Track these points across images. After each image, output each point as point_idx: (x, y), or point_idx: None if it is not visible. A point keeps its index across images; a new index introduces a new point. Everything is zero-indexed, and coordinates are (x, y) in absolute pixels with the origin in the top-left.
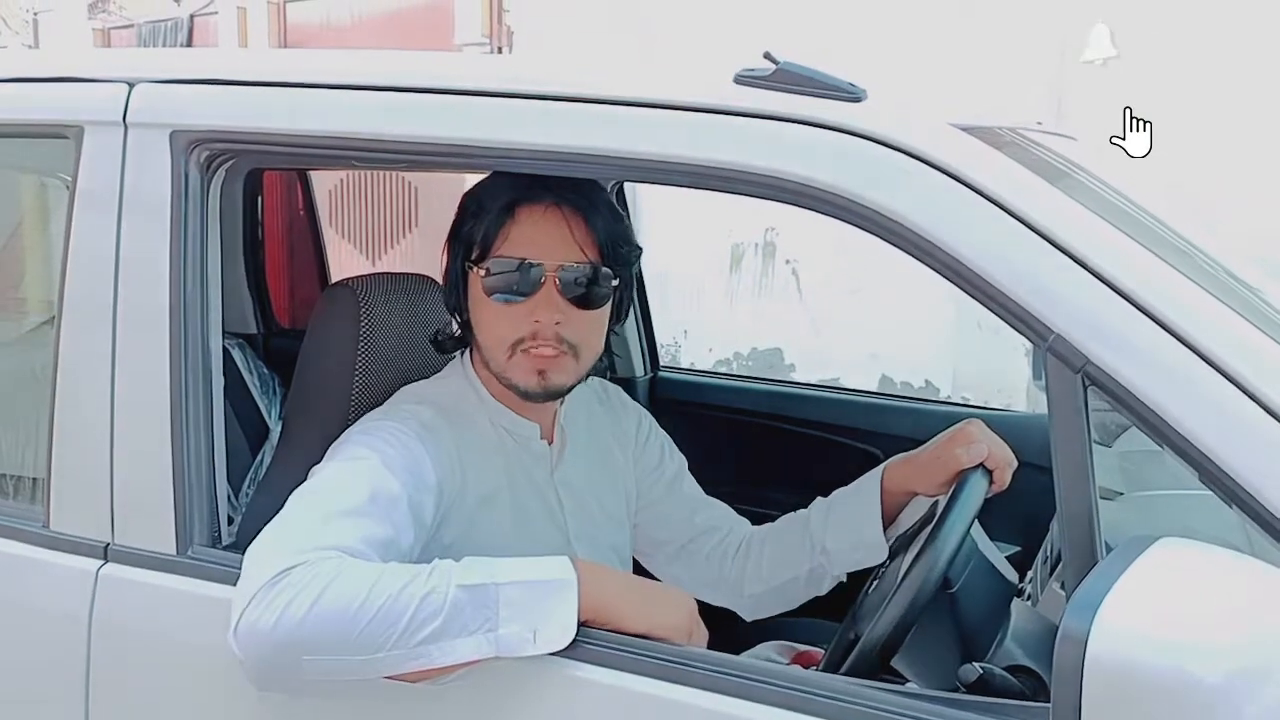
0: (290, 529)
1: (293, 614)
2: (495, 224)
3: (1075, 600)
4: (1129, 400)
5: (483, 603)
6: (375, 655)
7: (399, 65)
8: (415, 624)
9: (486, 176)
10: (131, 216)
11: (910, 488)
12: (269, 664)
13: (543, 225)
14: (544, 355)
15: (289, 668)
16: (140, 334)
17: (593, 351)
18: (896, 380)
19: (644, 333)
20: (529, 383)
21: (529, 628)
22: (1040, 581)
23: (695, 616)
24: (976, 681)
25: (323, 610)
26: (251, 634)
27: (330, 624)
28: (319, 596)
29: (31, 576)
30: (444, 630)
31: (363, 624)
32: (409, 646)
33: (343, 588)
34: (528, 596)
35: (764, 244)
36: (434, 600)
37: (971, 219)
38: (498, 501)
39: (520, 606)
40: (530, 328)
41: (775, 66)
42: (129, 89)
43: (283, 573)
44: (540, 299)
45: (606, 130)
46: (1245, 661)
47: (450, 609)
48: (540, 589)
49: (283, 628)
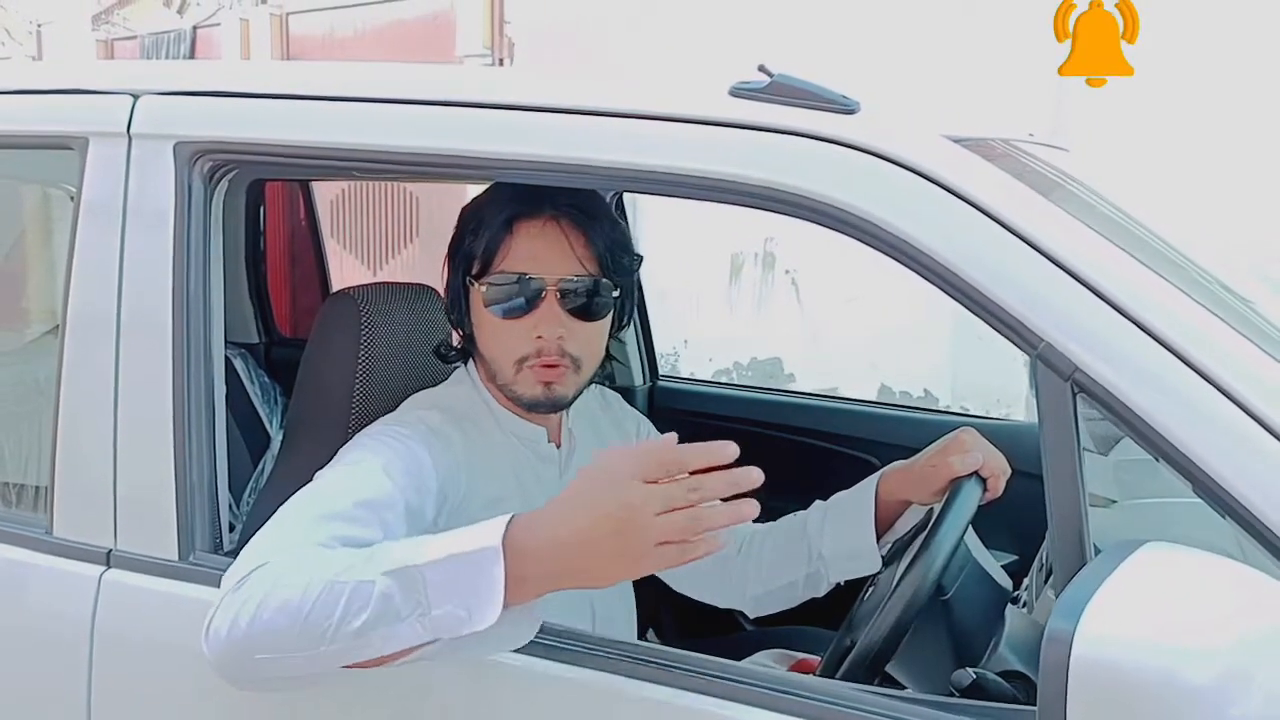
0: (276, 533)
1: (244, 615)
2: (495, 239)
3: (1061, 603)
4: (1117, 408)
5: (409, 587)
6: (319, 649)
7: (401, 77)
8: (349, 615)
9: (484, 191)
10: (135, 227)
11: (905, 496)
12: (229, 665)
13: (542, 240)
14: (549, 369)
15: (246, 667)
16: (143, 343)
17: (594, 362)
18: (896, 390)
19: (643, 342)
20: (535, 395)
21: (462, 606)
22: (1036, 589)
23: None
24: (970, 686)
25: (266, 610)
26: (213, 637)
27: (275, 622)
28: (265, 597)
29: (35, 582)
30: (378, 619)
31: (300, 620)
32: (347, 639)
33: (286, 584)
34: (452, 574)
35: (763, 254)
36: (364, 590)
37: (963, 229)
38: (507, 505)
39: (446, 586)
40: (534, 344)
41: (770, 79)
42: (133, 101)
43: (245, 577)
44: (542, 313)
45: (604, 142)
46: (1230, 664)
47: (379, 598)
48: (463, 563)
49: (236, 630)
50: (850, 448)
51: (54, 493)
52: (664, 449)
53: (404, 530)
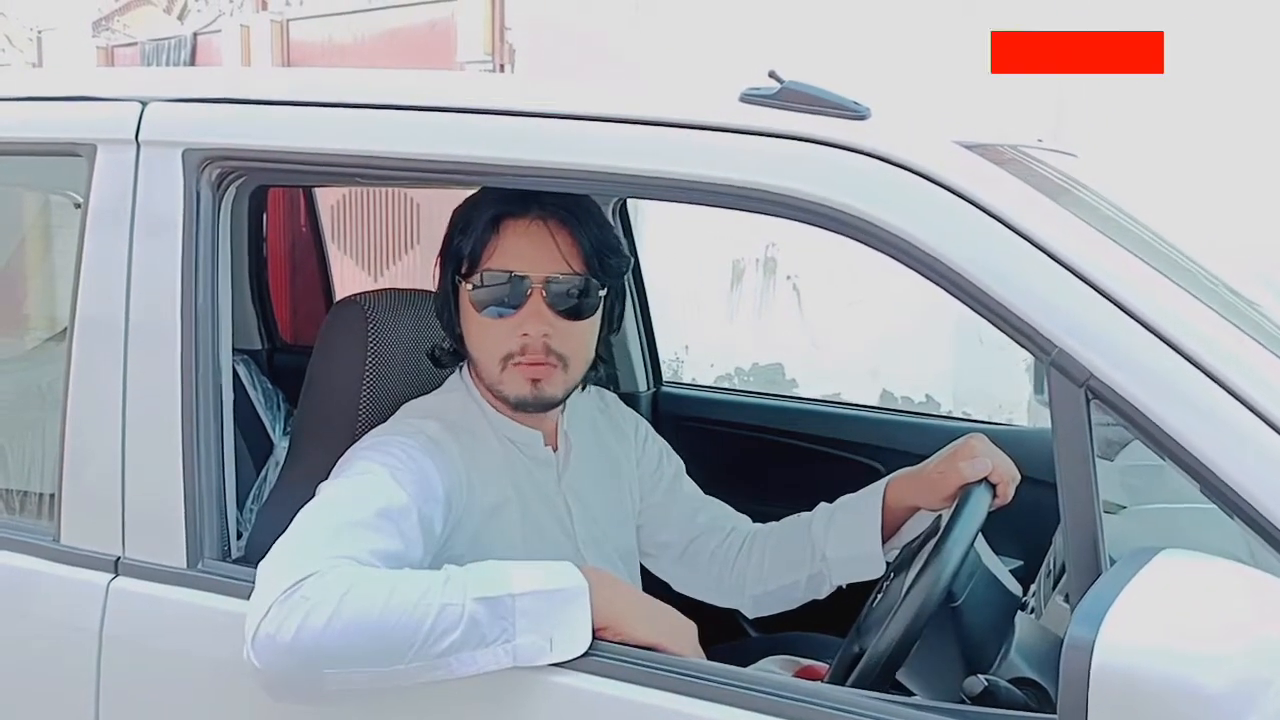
0: (301, 542)
1: (312, 625)
2: (482, 238)
3: (1081, 611)
4: (1132, 414)
5: (499, 614)
6: (396, 667)
7: (409, 83)
8: (434, 635)
9: (474, 193)
10: (143, 234)
11: (913, 503)
12: (289, 675)
13: (528, 238)
14: (534, 367)
15: (310, 679)
16: (151, 350)
17: (582, 362)
18: (898, 395)
19: (647, 347)
20: (521, 394)
21: (545, 637)
22: (1044, 595)
23: (695, 639)
24: (981, 694)
25: (342, 621)
26: (270, 646)
27: (350, 635)
28: (337, 607)
29: (43, 590)
30: (463, 642)
31: (383, 635)
32: (429, 658)
33: (360, 598)
34: (543, 606)
35: (765, 260)
36: (452, 612)
37: (975, 235)
38: (506, 511)
39: (536, 616)
40: (519, 341)
41: (780, 85)
42: (142, 108)
43: (297, 584)
44: (528, 311)
45: (611, 148)
46: (1248, 671)
47: (468, 621)
48: (555, 598)
49: (303, 639)
50: (852, 453)
51: (61, 500)
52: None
53: (420, 541)
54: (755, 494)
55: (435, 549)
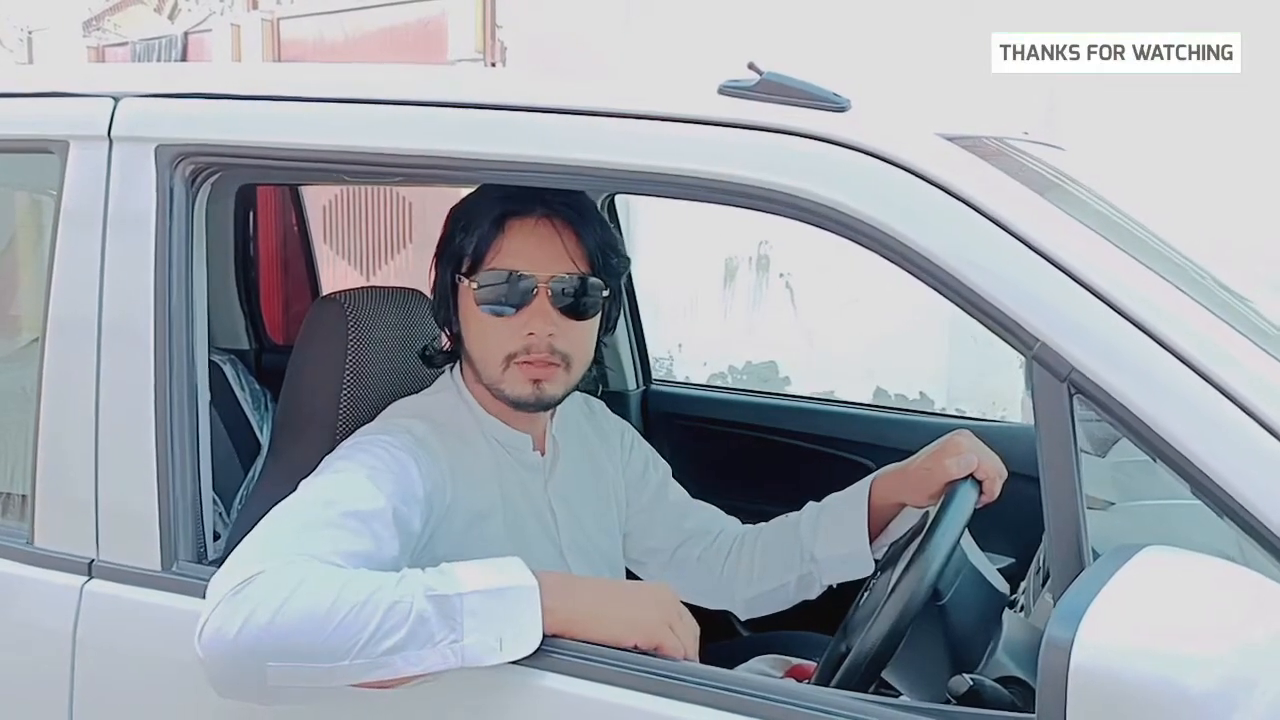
0: (264, 540)
1: (258, 619)
2: (486, 237)
3: (1060, 609)
4: (1115, 408)
5: (447, 613)
6: (340, 663)
7: (385, 78)
8: (380, 633)
9: (474, 191)
10: (116, 231)
11: (899, 499)
12: (232, 670)
13: (534, 237)
14: (537, 367)
15: (252, 674)
16: (125, 349)
17: (583, 362)
18: (891, 393)
19: (636, 346)
20: (523, 394)
21: (494, 636)
22: (1033, 592)
23: (673, 606)
24: (967, 693)
25: (288, 616)
26: (216, 639)
27: (295, 630)
28: (284, 602)
29: (15, 593)
30: (409, 640)
31: (328, 631)
32: (373, 656)
33: (308, 594)
34: (491, 605)
35: (757, 257)
36: (400, 610)
37: (955, 227)
38: (491, 517)
39: (483, 615)
40: (524, 341)
41: (760, 77)
42: (114, 103)
43: (247, 580)
44: (533, 311)
45: (592, 142)
46: (1231, 671)
47: (415, 620)
48: (503, 596)
49: (247, 633)
50: (846, 451)
51: (35, 502)
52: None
53: (395, 541)
54: (745, 492)
55: (414, 549)
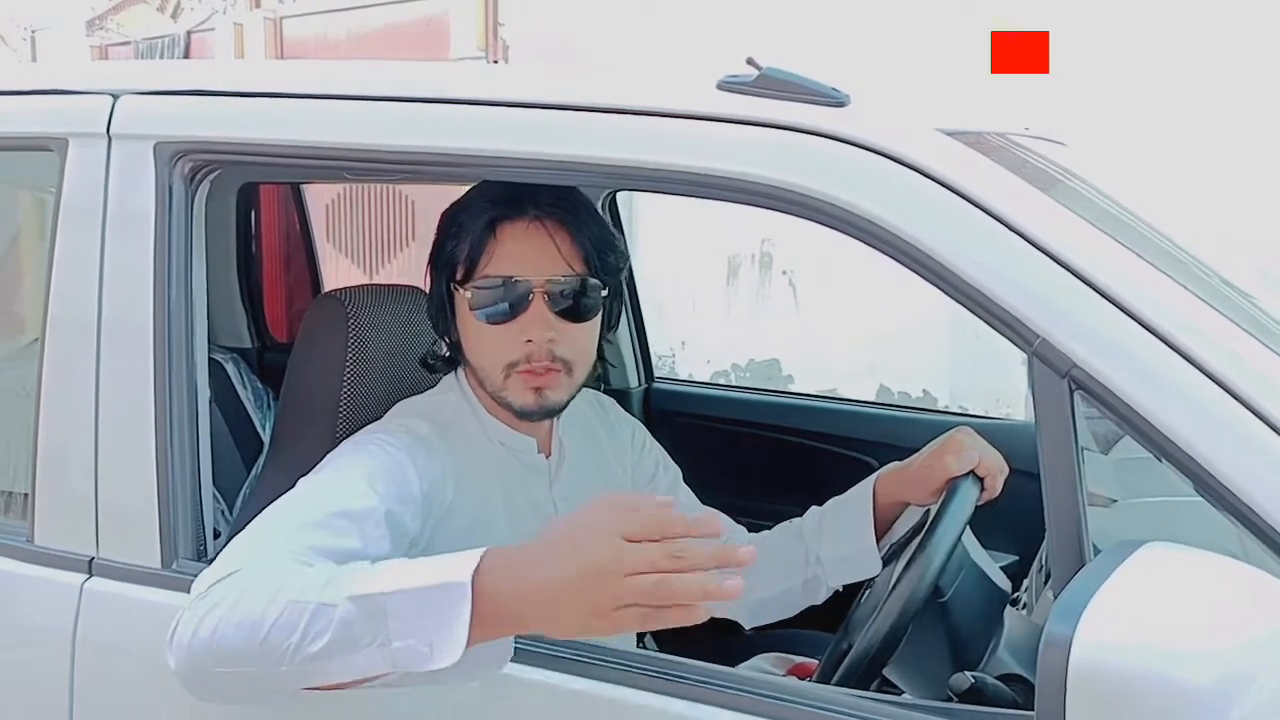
0: (253, 538)
1: (205, 627)
2: (478, 243)
3: (1059, 605)
4: (1116, 405)
5: (371, 614)
6: (278, 669)
7: (384, 75)
8: (308, 638)
9: (464, 195)
10: (116, 229)
11: (901, 497)
12: (190, 675)
13: (526, 241)
14: (538, 375)
15: (207, 679)
16: (124, 347)
17: (586, 365)
18: (894, 390)
19: (638, 344)
20: (526, 402)
21: (424, 642)
22: (1035, 590)
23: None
24: (969, 690)
25: (227, 625)
26: (176, 645)
27: (232, 639)
28: (227, 611)
29: (16, 591)
30: (335, 645)
31: (260, 638)
32: (305, 662)
33: (251, 597)
34: (416, 606)
35: (760, 255)
36: (325, 613)
37: (955, 222)
38: (494, 519)
39: (409, 619)
40: (523, 349)
41: (759, 72)
42: (113, 101)
43: (215, 583)
44: (530, 317)
45: (590, 138)
46: (1230, 667)
47: (339, 623)
48: (428, 597)
49: (198, 640)
50: (849, 449)
51: (35, 500)
52: (652, 507)
53: (386, 541)
54: (748, 490)
55: (407, 550)
